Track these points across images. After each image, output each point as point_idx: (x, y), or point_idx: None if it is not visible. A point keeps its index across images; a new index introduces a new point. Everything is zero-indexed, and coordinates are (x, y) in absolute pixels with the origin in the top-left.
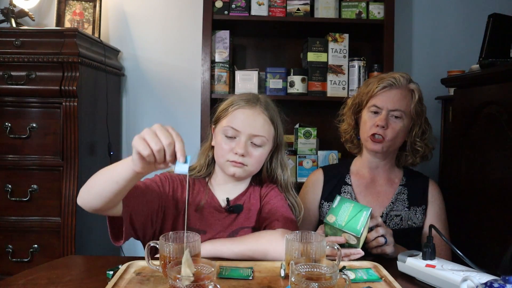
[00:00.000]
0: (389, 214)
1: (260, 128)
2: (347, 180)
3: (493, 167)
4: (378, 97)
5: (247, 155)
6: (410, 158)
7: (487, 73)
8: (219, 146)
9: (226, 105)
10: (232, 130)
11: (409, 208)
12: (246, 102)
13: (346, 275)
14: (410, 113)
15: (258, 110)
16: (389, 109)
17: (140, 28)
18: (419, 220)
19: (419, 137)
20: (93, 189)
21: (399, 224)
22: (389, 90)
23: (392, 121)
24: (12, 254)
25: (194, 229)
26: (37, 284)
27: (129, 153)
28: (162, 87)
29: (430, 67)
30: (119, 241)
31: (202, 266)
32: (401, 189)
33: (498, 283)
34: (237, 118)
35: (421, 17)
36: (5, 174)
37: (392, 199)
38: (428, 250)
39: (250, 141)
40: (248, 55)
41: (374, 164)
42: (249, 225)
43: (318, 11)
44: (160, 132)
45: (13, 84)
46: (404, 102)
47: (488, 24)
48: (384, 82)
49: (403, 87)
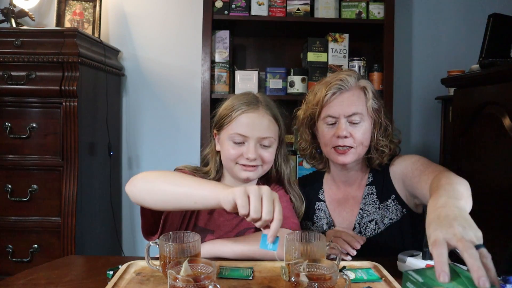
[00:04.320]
0: (361, 222)
1: (266, 129)
2: (321, 195)
3: (493, 167)
4: (330, 105)
5: (259, 158)
6: (377, 159)
7: (487, 73)
8: (227, 152)
9: (228, 110)
10: (240, 136)
11: (379, 207)
12: (247, 105)
13: (346, 275)
14: (368, 113)
15: (261, 112)
16: (346, 115)
17: (140, 28)
18: (396, 212)
19: (382, 136)
20: (159, 194)
21: (376, 229)
22: (340, 95)
23: (352, 128)
24: (12, 254)
25: (203, 229)
26: (37, 284)
27: (129, 153)
28: (162, 87)
29: (430, 67)
30: (152, 236)
31: (202, 266)
32: (368, 189)
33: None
34: (243, 124)
35: (421, 17)
36: (5, 174)
37: (360, 205)
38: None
39: (259, 144)
40: (248, 55)
41: (343, 177)
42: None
43: (318, 11)
44: (266, 202)
45: (13, 84)
46: (359, 103)
47: (488, 24)
48: (332, 88)
49: (354, 87)
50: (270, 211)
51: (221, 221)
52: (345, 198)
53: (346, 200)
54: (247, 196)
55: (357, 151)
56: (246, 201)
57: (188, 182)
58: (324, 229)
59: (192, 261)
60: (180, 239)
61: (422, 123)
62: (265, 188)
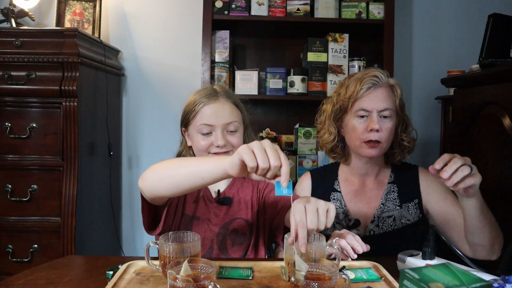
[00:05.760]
0: (380, 216)
1: (229, 115)
2: (336, 186)
3: (493, 167)
4: (364, 99)
5: (228, 144)
6: (398, 155)
7: (487, 73)
8: (198, 144)
9: (191, 106)
10: (207, 126)
11: (400, 206)
12: (208, 97)
13: (346, 275)
14: (397, 110)
15: (222, 100)
16: (378, 110)
17: (140, 28)
18: (413, 216)
19: (404, 132)
20: (169, 178)
21: (392, 225)
22: (374, 90)
23: (383, 122)
24: (12, 254)
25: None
26: (37, 284)
27: (129, 153)
28: (162, 87)
29: (430, 67)
30: (154, 230)
31: (202, 266)
32: (390, 187)
33: (498, 283)
34: (207, 114)
35: (421, 17)
36: (5, 174)
37: (382, 200)
38: (428, 250)
39: (226, 130)
40: (248, 55)
41: (363, 170)
42: (241, 216)
43: (318, 11)
44: (270, 151)
45: (13, 84)
46: (390, 100)
47: (488, 24)
48: (367, 83)
49: (385, 84)
50: (276, 157)
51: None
52: (362, 190)
53: (363, 192)
54: (252, 151)
55: (383, 146)
56: (252, 155)
57: (193, 162)
58: (340, 218)
59: (192, 261)
60: (180, 239)
61: (422, 123)
62: (265, 140)
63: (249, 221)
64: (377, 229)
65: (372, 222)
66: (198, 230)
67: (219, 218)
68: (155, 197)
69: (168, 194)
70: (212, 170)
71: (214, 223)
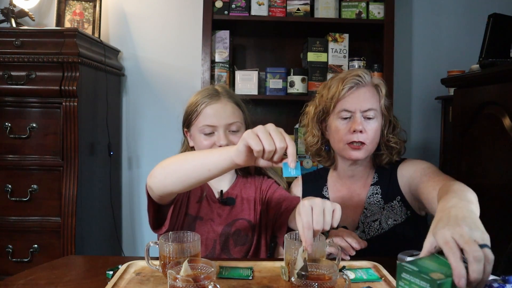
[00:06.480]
0: (365, 222)
1: (231, 115)
2: (324, 192)
3: (493, 167)
4: (346, 99)
5: (230, 144)
6: (386, 156)
7: (487, 73)
8: (201, 144)
9: (193, 107)
10: (209, 127)
11: (383, 207)
12: (210, 98)
13: (346, 275)
14: (381, 110)
15: (224, 101)
16: (362, 110)
17: (140, 28)
18: (400, 214)
19: (391, 133)
20: (176, 173)
21: (379, 229)
22: (356, 90)
23: (366, 123)
24: (12, 254)
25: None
26: (37, 284)
27: (129, 153)
28: (162, 87)
29: (430, 67)
30: (160, 229)
31: (202, 266)
32: (372, 189)
33: (497, 283)
34: (209, 115)
35: (421, 17)
36: (5, 174)
37: (365, 205)
38: None
39: (228, 130)
40: (248, 55)
41: (349, 172)
42: (243, 216)
43: (318, 11)
44: (275, 134)
45: (13, 84)
46: (374, 99)
47: (488, 24)
48: (349, 82)
49: (369, 83)
50: (282, 139)
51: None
52: (350, 195)
53: (350, 198)
54: (256, 135)
55: (369, 148)
56: (257, 138)
57: (198, 155)
58: None
59: (192, 261)
60: (180, 239)
61: (422, 123)
62: (269, 124)
63: (251, 221)
64: (363, 235)
65: (357, 229)
66: (201, 230)
67: (222, 218)
68: (164, 193)
69: (176, 190)
70: (218, 161)
71: (217, 223)
